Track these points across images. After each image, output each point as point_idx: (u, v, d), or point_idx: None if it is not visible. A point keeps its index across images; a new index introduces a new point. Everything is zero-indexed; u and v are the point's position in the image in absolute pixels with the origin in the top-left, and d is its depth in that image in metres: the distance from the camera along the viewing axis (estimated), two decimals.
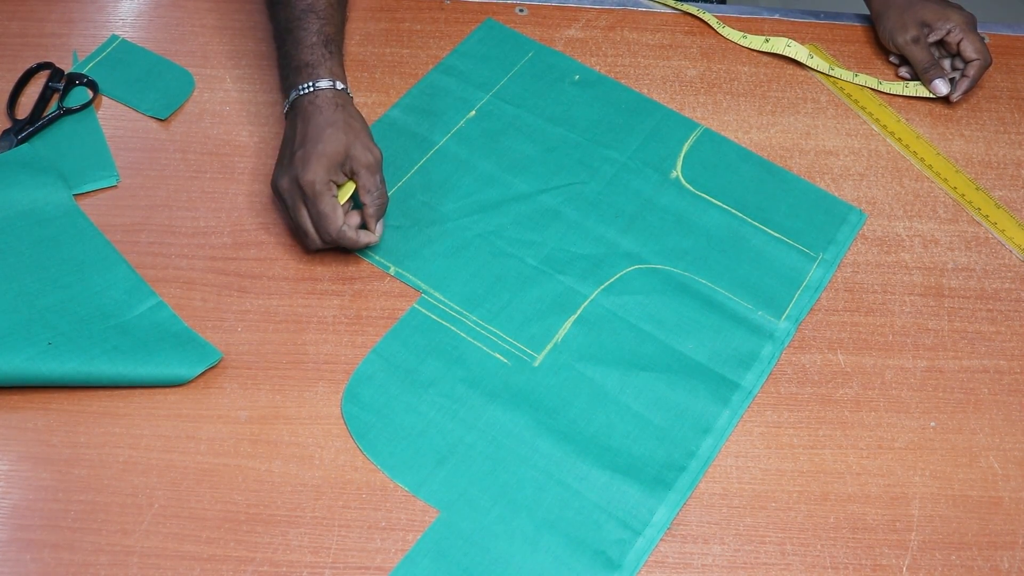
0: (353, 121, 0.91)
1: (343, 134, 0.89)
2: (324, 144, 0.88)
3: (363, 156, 0.89)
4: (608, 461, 0.84)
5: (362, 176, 0.90)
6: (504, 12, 1.17)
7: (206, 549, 0.77)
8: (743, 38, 1.17)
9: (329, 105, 0.91)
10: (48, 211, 0.93)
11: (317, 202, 0.88)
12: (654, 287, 0.95)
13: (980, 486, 0.86)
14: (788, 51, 1.15)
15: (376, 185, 0.90)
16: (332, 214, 0.89)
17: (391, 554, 0.78)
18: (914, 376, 0.92)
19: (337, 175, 0.89)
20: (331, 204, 0.89)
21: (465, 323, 0.91)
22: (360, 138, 0.90)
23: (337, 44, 0.95)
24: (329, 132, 0.89)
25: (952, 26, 1.12)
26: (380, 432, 0.84)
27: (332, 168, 0.89)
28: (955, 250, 1.02)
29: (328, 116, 0.90)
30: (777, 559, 0.81)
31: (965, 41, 1.12)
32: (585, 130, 1.06)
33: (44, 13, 1.11)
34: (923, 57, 1.12)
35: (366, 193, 0.90)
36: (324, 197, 0.88)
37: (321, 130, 0.89)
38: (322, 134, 0.89)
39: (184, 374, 0.85)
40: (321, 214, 0.88)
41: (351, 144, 0.89)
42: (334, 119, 0.90)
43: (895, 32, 1.14)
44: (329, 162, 0.88)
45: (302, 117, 0.91)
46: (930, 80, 1.12)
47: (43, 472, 0.80)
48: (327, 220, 0.89)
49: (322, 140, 0.89)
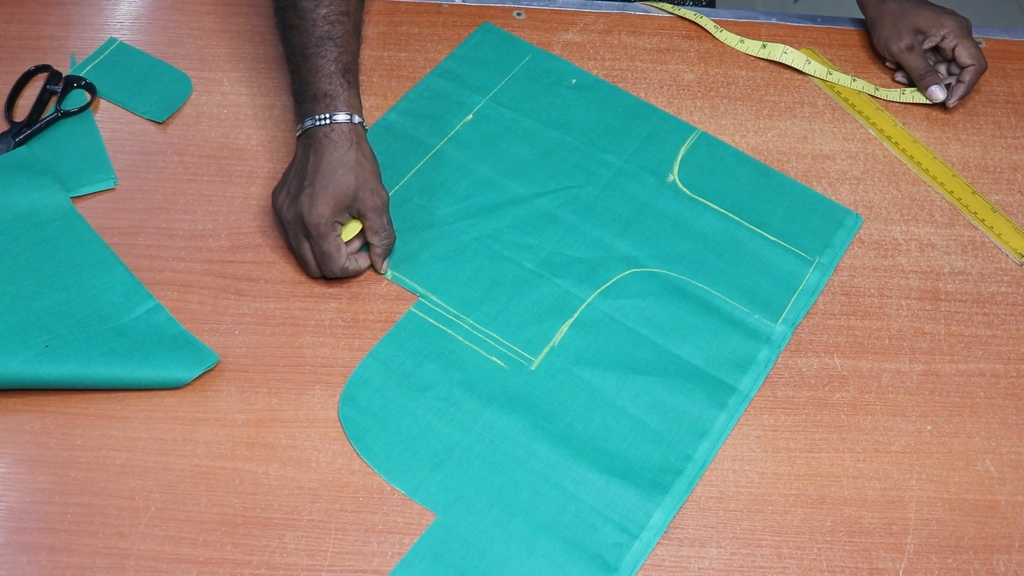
0: (365, 161, 0.90)
1: (353, 176, 0.89)
2: (334, 185, 0.88)
3: (370, 200, 0.90)
4: (605, 465, 0.84)
5: (369, 218, 0.91)
6: (501, 16, 1.17)
7: (202, 552, 0.77)
8: (740, 43, 1.17)
9: (344, 141, 0.90)
10: (45, 214, 0.93)
11: (321, 242, 0.89)
12: (651, 291, 0.95)
13: (976, 490, 0.86)
14: (785, 58, 1.15)
15: (383, 226, 0.91)
16: (336, 254, 0.90)
17: (388, 557, 0.78)
18: (910, 380, 0.92)
19: (343, 216, 0.90)
20: (335, 244, 0.90)
21: (462, 327, 0.91)
22: (369, 181, 0.90)
23: (354, 74, 0.94)
24: (340, 173, 0.89)
25: (946, 32, 1.12)
26: (377, 435, 0.84)
27: (339, 210, 0.89)
28: (951, 254, 1.02)
29: (341, 155, 0.89)
30: (774, 563, 0.81)
31: (960, 47, 1.12)
32: (582, 134, 1.06)
33: (42, 16, 1.11)
34: (918, 64, 1.13)
35: (373, 234, 0.91)
36: (328, 237, 0.89)
37: (333, 169, 0.89)
38: (333, 174, 0.89)
39: (181, 377, 0.85)
40: (325, 253, 0.90)
41: (360, 187, 0.89)
42: (346, 159, 0.89)
43: (890, 40, 1.14)
44: (336, 204, 0.89)
45: (315, 150, 0.90)
46: (926, 87, 1.12)
47: (40, 475, 0.80)
48: (330, 259, 0.90)
49: (332, 181, 0.88)
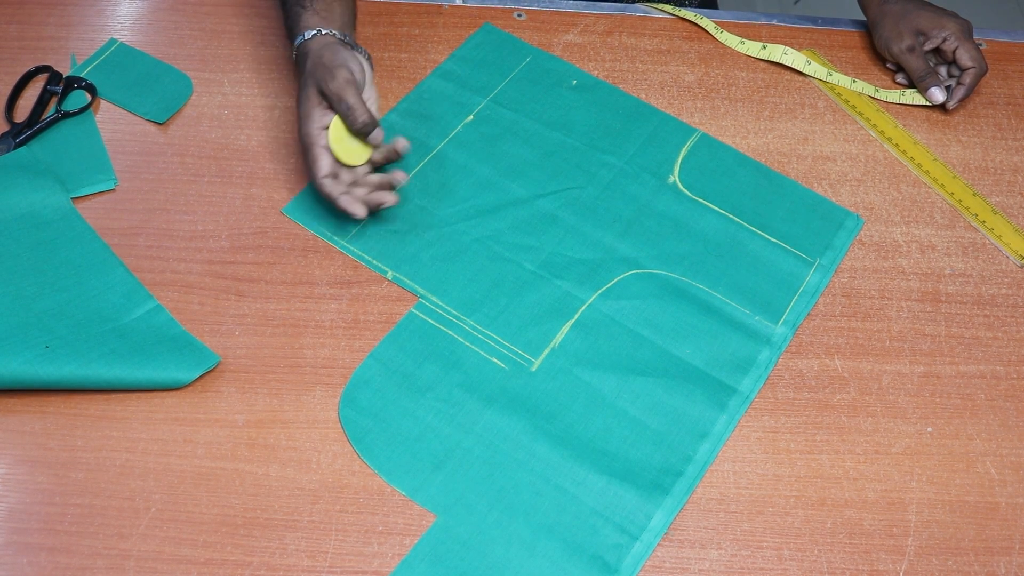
0: (316, 66, 0.93)
1: (308, 87, 0.93)
2: (298, 105, 0.94)
3: (330, 91, 0.92)
4: (605, 466, 0.84)
5: (337, 108, 0.92)
6: (502, 17, 1.17)
7: (203, 553, 0.77)
8: (740, 43, 1.17)
9: (301, 61, 0.96)
10: (46, 214, 0.93)
11: (305, 154, 0.93)
12: (651, 292, 0.95)
13: (977, 491, 0.86)
14: (785, 59, 1.15)
15: (344, 110, 0.92)
16: (313, 166, 0.93)
17: (388, 558, 0.78)
18: (911, 381, 0.92)
19: (323, 119, 0.93)
20: (313, 155, 0.92)
21: (463, 327, 0.91)
22: (319, 80, 0.92)
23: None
24: (299, 91, 0.94)
25: (948, 34, 1.12)
26: (377, 436, 0.84)
27: (311, 119, 0.92)
28: (952, 256, 1.02)
29: (300, 78, 0.95)
30: (774, 564, 0.81)
31: (961, 49, 1.12)
32: (583, 135, 1.07)
33: (43, 16, 1.11)
34: (919, 66, 1.13)
35: (344, 119, 0.92)
36: (310, 149, 0.93)
37: (298, 92, 0.95)
38: (298, 95, 0.95)
39: (181, 378, 0.85)
40: (308, 165, 0.93)
41: (313, 92, 0.93)
42: (302, 81, 0.94)
43: (891, 41, 1.14)
44: (307, 118, 0.92)
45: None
46: (926, 88, 1.12)
47: (40, 475, 0.80)
48: (310, 170, 0.93)
49: (297, 101, 0.94)
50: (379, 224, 0.97)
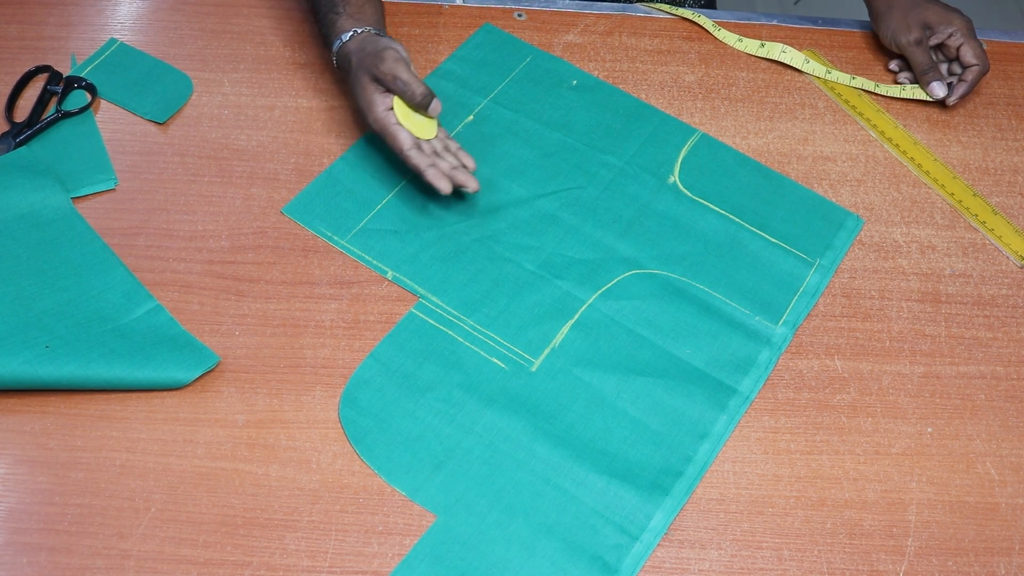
0: (362, 58, 0.96)
1: (361, 77, 0.96)
2: (357, 99, 0.97)
3: (382, 73, 0.95)
4: (605, 466, 0.84)
5: (393, 87, 0.95)
6: (502, 17, 1.17)
7: (203, 553, 0.77)
8: (739, 42, 1.17)
9: (345, 62, 0.99)
10: (46, 214, 0.93)
11: (383, 137, 0.96)
12: (651, 292, 0.95)
13: (977, 492, 0.86)
14: (784, 57, 1.16)
15: (401, 87, 0.95)
16: (394, 143, 0.95)
17: (388, 558, 0.78)
18: (911, 382, 0.92)
19: (385, 102, 0.96)
20: (391, 133, 0.95)
21: (463, 328, 0.91)
22: (369, 68, 0.95)
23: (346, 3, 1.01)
24: (353, 87, 0.98)
25: (954, 30, 1.13)
26: (377, 436, 0.84)
27: (374, 104, 0.96)
28: (952, 256, 1.02)
29: (347, 75, 0.99)
30: (774, 564, 0.81)
31: (965, 46, 1.12)
32: (583, 135, 1.07)
33: (43, 16, 1.11)
34: (923, 59, 1.13)
35: (402, 95, 0.95)
36: (385, 130, 0.96)
37: (351, 88, 0.98)
38: (353, 90, 0.98)
39: (181, 378, 0.85)
40: (388, 144, 0.96)
41: (367, 80, 0.96)
42: (353, 76, 0.98)
43: (898, 32, 1.15)
44: (369, 105, 0.96)
45: (344, 82, 1.03)
46: (928, 82, 1.13)
47: (40, 475, 0.80)
48: (393, 148, 0.96)
49: (354, 92, 0.98)
50: (379, 224, 0.97)
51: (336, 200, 0.99)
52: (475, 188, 0.95)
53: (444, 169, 0.95)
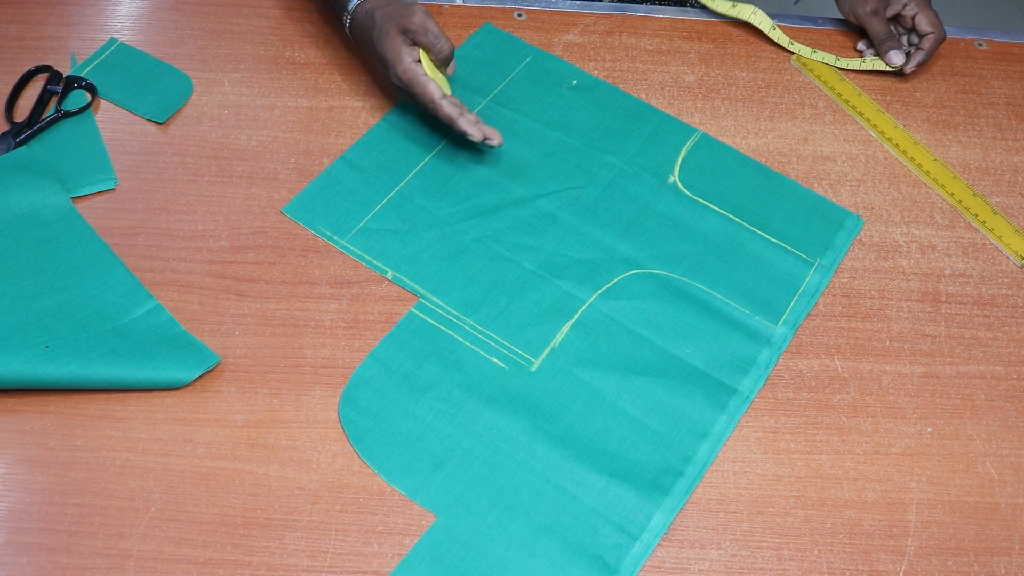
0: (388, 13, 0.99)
1: (389, 30, 0.98)
2: (384, 51, 0.98)
3: (413, 25, 0.97)
4: (605, 466, 0.84)
5: (423, 39, 0.98)
6: (502, 17, 1.17)
7: (203, 553, 0.77)
8: (711, 1, 1.20)
9: (367, 20, 1.00)
10: (46, 214, 0.93)
11: (411, 88, 0.98)
12: (651, 292, 0.95)
13: (977, 492, 0.86)
14: (753, 19, 1.19)
15: (432, 39, 0.97)
16: (424, 93, 0.97)
17: (388, 558, 0.78)
18: (911, 382, 0.92)
19: (412, 54, 0.98)
20: (421, 83, 0.97)
21: (463, 327, 0.91)
22: (397, 20, 0.98)
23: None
24: (379, 40, 0.99)
25: (908, 0, 1.17)
26: (377, 436, 0.84)
27: (402, 56, 0.97)
28: (952, 256, 1.02)
29: (371, 31, 1.00)
30: (774, 564, 0.81)
31: (920, 15, 1.16)
32: (583, 135, 1.07)
33: (43, 16, 1.11)
34: (880, 29, 1.17)
35: (431, 47, 0.98)
36: (415, 80, 0.97)
37: (377, 42, 0.99)
38: (379, 44, 0.99)
39: (181, 378, 0.85)
40: (416, 95, 0.98)
41: (396, 32, 0.97)
42: (378, 31, 0.99)
43: (855, 3, 1.19)
44: (397, 57, 0.97)
45: (360, 42, 1.03)
46: (886, 51, 1.16)
47: (40, 475, 0.80)
48: (423, 97, 0.98)
49: (380, 46, 0.99)
50: (379, 224, 0.97)
51: (336, 200, 0.99)
52: (499, 142, 0.99)
53: (471, 120, 0.98)
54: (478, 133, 0.97)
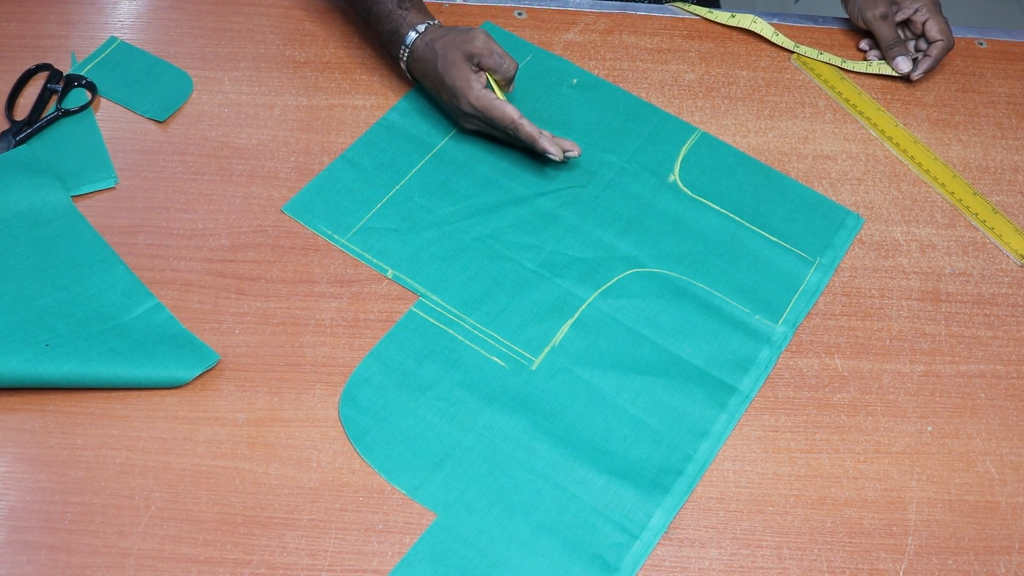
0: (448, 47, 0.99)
1: (454, 59, 0.98)
2: (453, 80, 0.99)
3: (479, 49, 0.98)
4: (605, 465, 0.84)
5: (489, 61, 0.99)
6: (503, 15, 1.17)
7: (203, 551, 0.77)
8: (709, 13, 1.19)
9: (427, 52, 1.01)
10: (46, 212, 0.93)
11: (489, 113, 0.98)
12: (652, 291, 0.95)
13: (977, 491, 0.86)
14: (754, 27, 1.18)
15: (498, 60, 0.99)
16: (503, 114, 0.98)
17: (388, 557, 0.78)
18: (911, 380, 0.92)
19: (480, 80, 0.99)
20: (498, 106, 0.98)
21: (463, 326, 0.91)
22: (460, 47, 0.99)
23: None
24: (446, 70, 0.99)
25: (920, 5, 1.16)
26: (377, 435, 0.84)
27: (471, 83, 0.98)
28: (952, 255, 1.02)
29: (434, 62, 1.00)
30: (774, 563, 0.81)
31: (931, 22, 1.15)
32: (583, 134, 1.06)
33: (43, 14, 1.11)
34: (889, 34, 1.16)
35: (498, 68, 0.99)
36: (491, 105, 0.98)
37: (443, 73, 0.99)
38: (447, 75, 0.99)
39: (181, 376, 0.85)
40: (495, 119, 0.98)
41: (462, 60, 0.98)
42: (442, 61, 0.99)
43: (865, 7, 1.18)
44: (467, 84, 0.98)
45: (420, 75, 1.03)
46: (893, 57, 1.16)
47: (40, 474, 0.80)
48: (503, 119, 0.98)
49: (448, 76, 0.99)
50: (379, 222, 0.97)
51: (336, 198, 0.99)
52: (578, 152, 1.00)
53: (549, 138, 0.99)
54: (558, 152, 0.98)
